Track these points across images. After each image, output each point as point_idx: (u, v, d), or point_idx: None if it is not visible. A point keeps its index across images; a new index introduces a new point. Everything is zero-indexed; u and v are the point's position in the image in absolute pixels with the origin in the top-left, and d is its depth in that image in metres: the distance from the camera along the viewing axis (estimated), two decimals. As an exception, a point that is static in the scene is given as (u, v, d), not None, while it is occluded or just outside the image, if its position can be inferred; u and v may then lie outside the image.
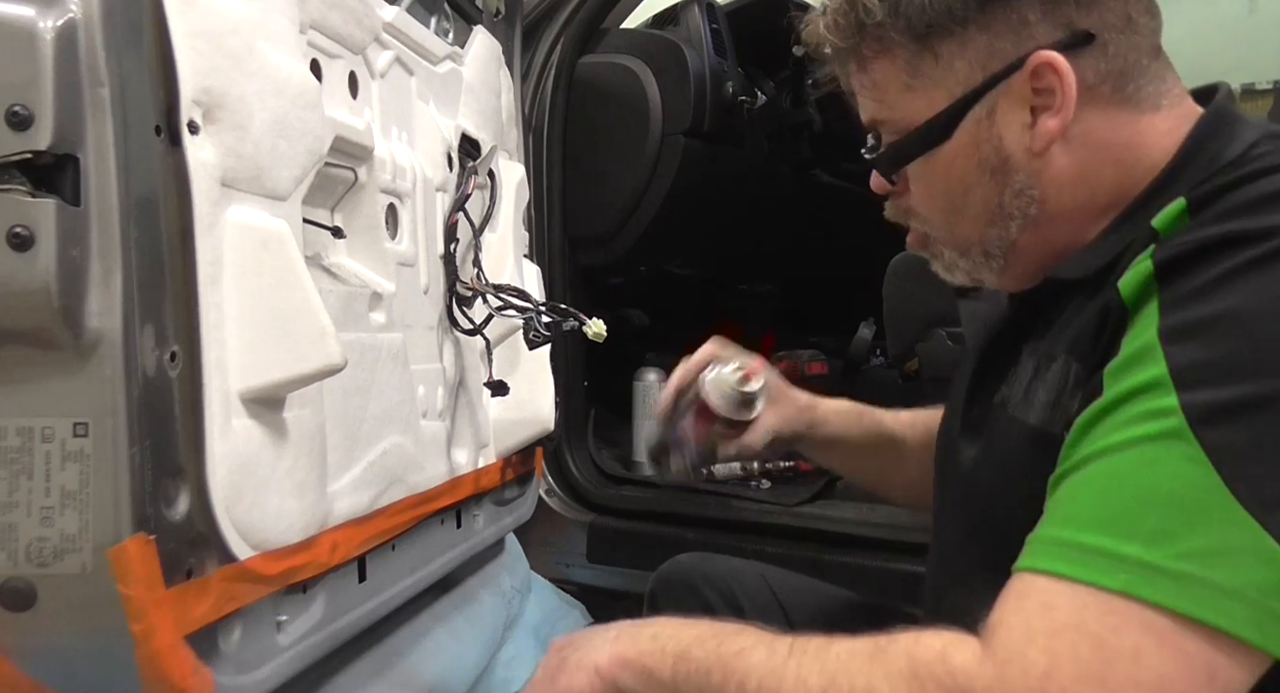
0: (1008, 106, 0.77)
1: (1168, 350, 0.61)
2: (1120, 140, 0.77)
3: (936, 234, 0.85)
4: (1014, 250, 0.81)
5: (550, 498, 2.03)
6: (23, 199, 0.68)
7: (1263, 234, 0.61)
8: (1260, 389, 0.58)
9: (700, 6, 2.11)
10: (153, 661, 0.74)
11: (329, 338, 0.87)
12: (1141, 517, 0.59)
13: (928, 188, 0.83)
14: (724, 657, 0.71)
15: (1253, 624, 0.56)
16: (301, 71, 0.94)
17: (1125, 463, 0.61)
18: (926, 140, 0.80)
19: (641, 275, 2.41)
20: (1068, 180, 0.77)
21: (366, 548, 1.10)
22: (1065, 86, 0.74)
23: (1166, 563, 0.58)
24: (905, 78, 0.80)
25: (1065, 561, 0.61)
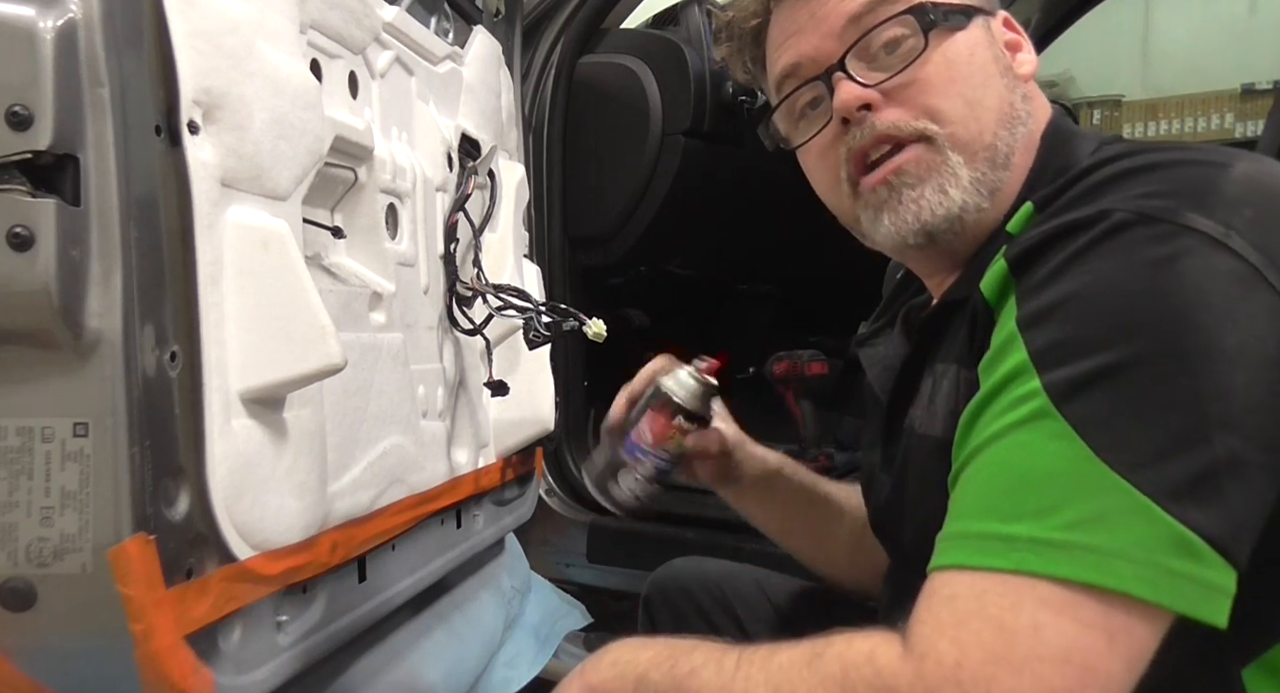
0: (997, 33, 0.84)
1: (1026, 337, 0.65)
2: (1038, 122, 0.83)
3: (952, 129, 0.79)
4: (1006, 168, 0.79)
5: (550, 498, 2.03)
6: (23, 199, 0.68)
7: (1093, 219, 0.65)
8: (1109, 359, 0.61)
9: (700, 6, 2.11)
10: (153, 661, 0.74)
11: (329, 338, 0.87)
12: (1024, 497, 0.62)
13: (952, 69, 0.79)
14: (678, 679, 0.73)
15: (1142, 581, 0.59)
16: (301, 71, 0.94)
17: (1003, 450, 0.64)
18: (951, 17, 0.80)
19: (641, 275, 2.40)
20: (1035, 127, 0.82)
21: (366, 548, 1.10)
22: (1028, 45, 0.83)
23: (1053, 535, 0.60)
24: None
25: (962, 551, 0.63)
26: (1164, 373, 0.61)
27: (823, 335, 2.62)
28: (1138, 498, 0.59)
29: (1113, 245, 0.64)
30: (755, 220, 2.43)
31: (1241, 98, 3.78)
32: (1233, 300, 0.62)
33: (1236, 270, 0.62)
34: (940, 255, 0.84)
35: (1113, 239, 0.64)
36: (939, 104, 0.79)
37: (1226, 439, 0.60)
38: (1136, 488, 0.59)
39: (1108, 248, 0.64)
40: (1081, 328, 0.63)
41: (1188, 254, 0.62)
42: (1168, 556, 0.59)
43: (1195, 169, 0.68)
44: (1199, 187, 0.66)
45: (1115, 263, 0.63)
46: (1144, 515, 0.59)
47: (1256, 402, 0.61)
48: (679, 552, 1.26)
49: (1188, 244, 0.62)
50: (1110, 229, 0.64)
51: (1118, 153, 0.73)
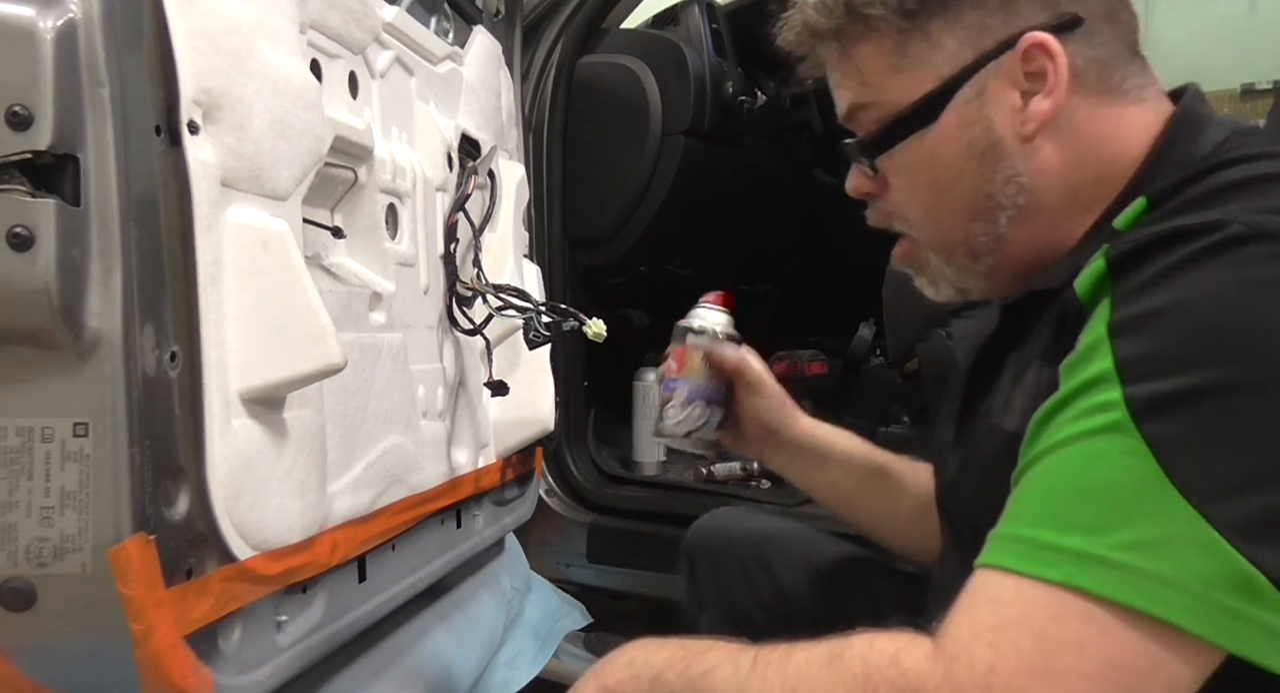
0: (998, 88, 0.76)
1: (1115, 343, 0.62)
2: (1104, 132, 0.76)
3: (920, 235, 0.83)
4: (1002, 247, 0.79)
5: (550, 498, 2.03)
6: (23, 199, 0.68)
7: (1206, 228, 0.62)
8: (1200, 380, 0.58)
9: (700, 6, 2.11)
10: (153, 661, 0.74)
11: (329, 338, 0.87)
12: (1083, 509, 0.60)
13: (911, 179, 0.81)
14: (693, 680, 0.72)
15: (1193, 615, 0.57)
16: (301, 71, 0.94)
17: (1070, 458, 0.62)
18: (912, 123, 0.78)
19: (641, 275, 2.40)
20: (1055, 171, 0.76)
21: (366, 548, 1.10)
22: (1058, 68, 0.74)
23: (1107, 553, 0.58)
24: (893, 59, 0.78)
25: (1012, 555, 0.62)
26: (1256, 402, 0.58)
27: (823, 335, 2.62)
28: (1205, 529, 0.56)
29: (1222, 260, 0.60)
30: (755, 220, 2.43)
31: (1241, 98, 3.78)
32: None
33: None
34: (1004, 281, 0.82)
35: (1223, 253, 0.60)
36: (904, 212, 0.83)
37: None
38: (1206, 519, 0.57)
39: (1217, 262, 0.60)
40: (1174, 343, 0.60)
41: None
42: (1227, 593, 0.56)
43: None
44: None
45: (1221, 278, 0.60)
46: (1209, 548, 0.56)
47: None
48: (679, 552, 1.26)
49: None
50: (1223, 242, 0.60)
51: (1246, 152, 0.69)
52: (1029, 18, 0.75)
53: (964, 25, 0.76)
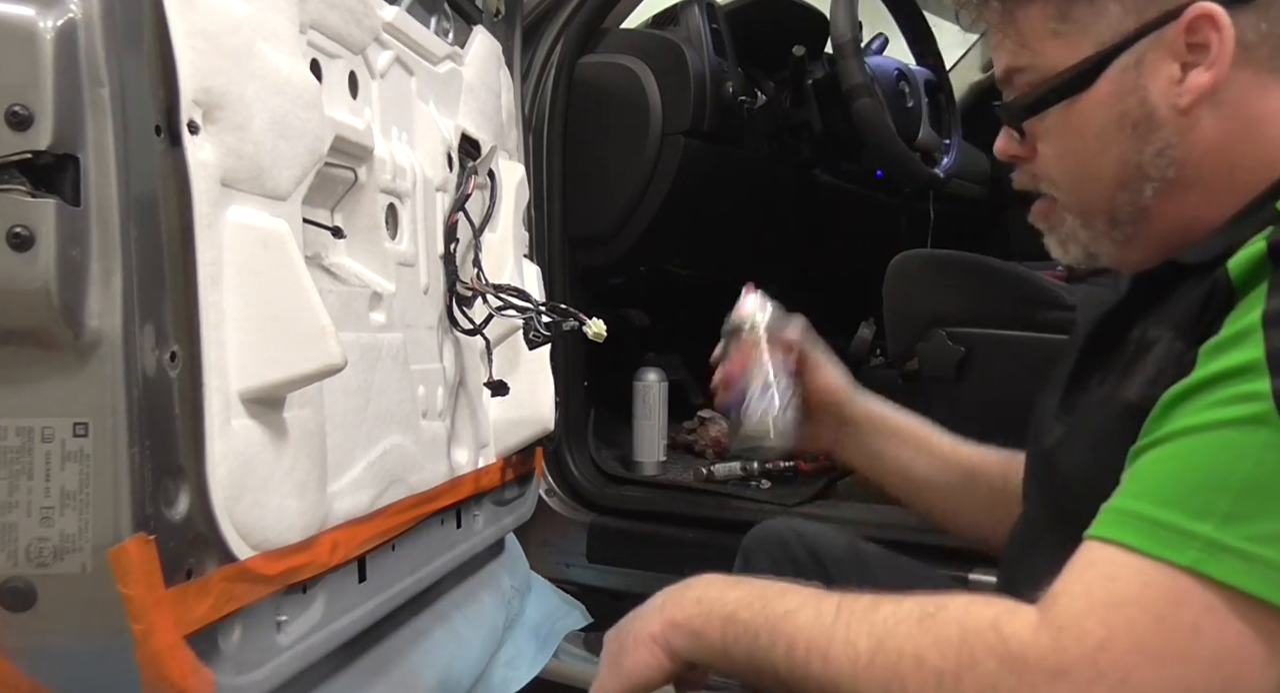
0: (1157, 58, 0.74)
1: (1269, 333, 0.60)
2: (1269, 112, 0.74)
3: (1063, 198, 0.82)
4: (1144, 218, 0.78)
5: (550, 498, 2.03)
6: (23, 199, 0.68)
7: None
8: None
9: (700, 6, 2.11)
10: (153, 661, 0.74)
11: (329, 338, 0.87)
12: (1217, 497, 0.59)
13: (1061, 143, 0.80)
14: (771, 619, 0.71)
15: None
16: (301, 71, 0.94)
17: (1208, 443, 0.60)
18: (1066, 89, 0.77)
19: (641, 275, 2.40)
20: (1210, 146, 0.74)
21: (366, 548, 1.10)
22: (1223, 40, 0.71)
23: (1237, 544, 0.57)
24: (1053, 23, 0.77)
25: (1135, 532, 0.60)
26: None
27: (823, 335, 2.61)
28: None
29: None
30: (755, 220, 2.43)
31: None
32: None
33: None
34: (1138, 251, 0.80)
35: None
36: (1050, 175, 0.81)
37: None
38: None
39: None
40: None
41: None
42: None
43: None
44: None
45: None
46: None
47: None
48: (679, 552, 1.26)
49: None
50: None
51: None
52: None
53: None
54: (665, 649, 0.78)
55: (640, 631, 0.80)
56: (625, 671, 0.80)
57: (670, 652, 0.78)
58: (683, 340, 2.71)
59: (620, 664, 0.80)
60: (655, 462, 2.19)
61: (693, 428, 2.44)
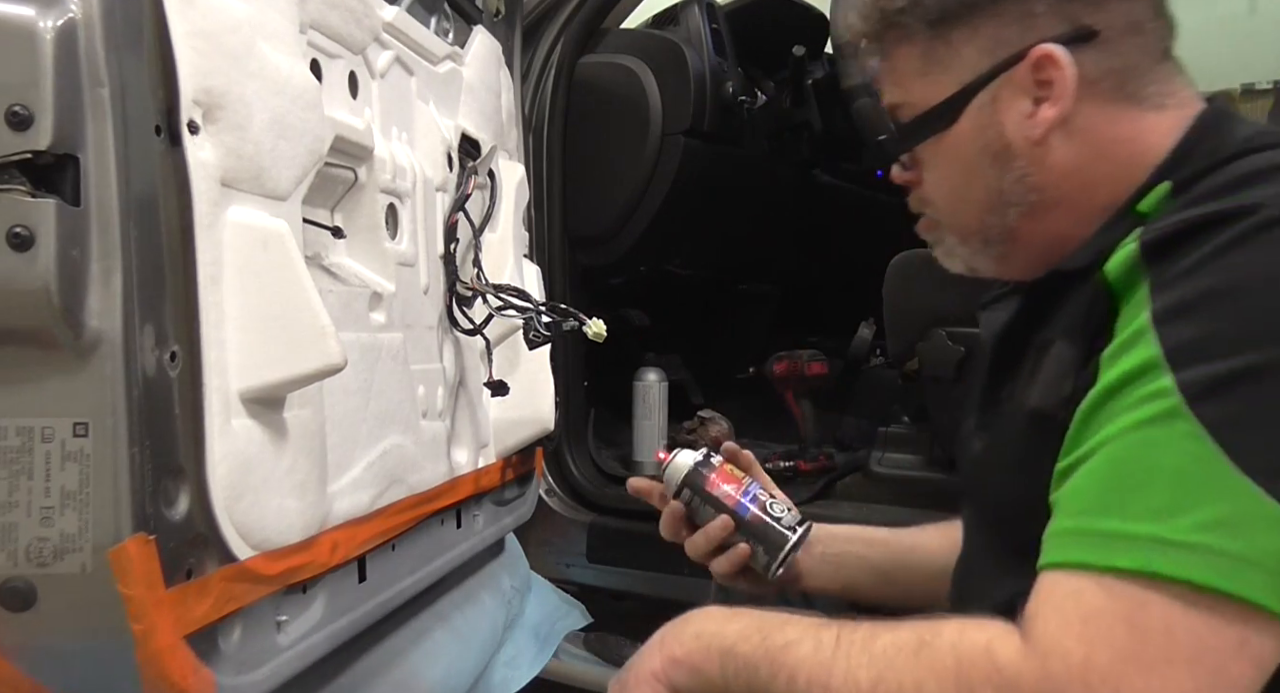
0: (1010, 95, 0.80)
1: (1160, 332, 0.63)
2: (1120, 136, 0.79)
3: (943, 220, 0.88)
4: (1013, 238, 0.83)
5: (550, 498, 2.03)
6: (23, 199, 0.68)
7: (1243, 211, 0.63)
8: (1251, 361, 0.60)
9: (700, 6, 2.11)
10: (153, 661, 0.74)
11: (329, 338, 0.87)
12: (1150, 496, 0.60)
13: (935, 172, 0.87)
14: (771, 651, 0.72)
15: (1272, 591, 0.57)
16: (301, 71, 0.94)
17: (1129, 447, 0.62)
18: (934, 124, 0.84)
19: (641, 275, 2.40)
20: (1066, 170, 0.80)
21: (366, 548, 1.10)
22: (1065, 77, 0.77)
23: (1181, 536, 0.58)
24: (919, 63, 0.84)
25: (1082, 549, 0.62)
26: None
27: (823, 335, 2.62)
28: (1270, 505, 0.57)
29: (1261, 241, 0.62)
30: (755, 220, 2.43)
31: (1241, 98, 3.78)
32: None
33: None
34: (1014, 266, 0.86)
35: (1262, 235, 0.62)
36: (931, 199, 0.89)
37: None
38: (1270, 494, 0.57)
39: (1256, 244, 0.62)
40: (1223, 326, 0.61)
41: None
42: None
43: None
44: None
45: (1264, 260, 0.61)
46: (1275, 524, 0.57)
47: None
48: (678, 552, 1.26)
49: None
50: (1260, 224, 0.62)
51: (1270, 141, 0.71)
52: (1044, 31, 0.78)
53: (983, 36, 0.80)
54: (667, 686, 0.79)
55: (642, 669, 0.81)
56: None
57: (672, 689, 0.79)
58: (683, 340, 2.71)
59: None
60: (655, 462, 2.19)
61: (693, 428, 2.44)
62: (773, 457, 2.14)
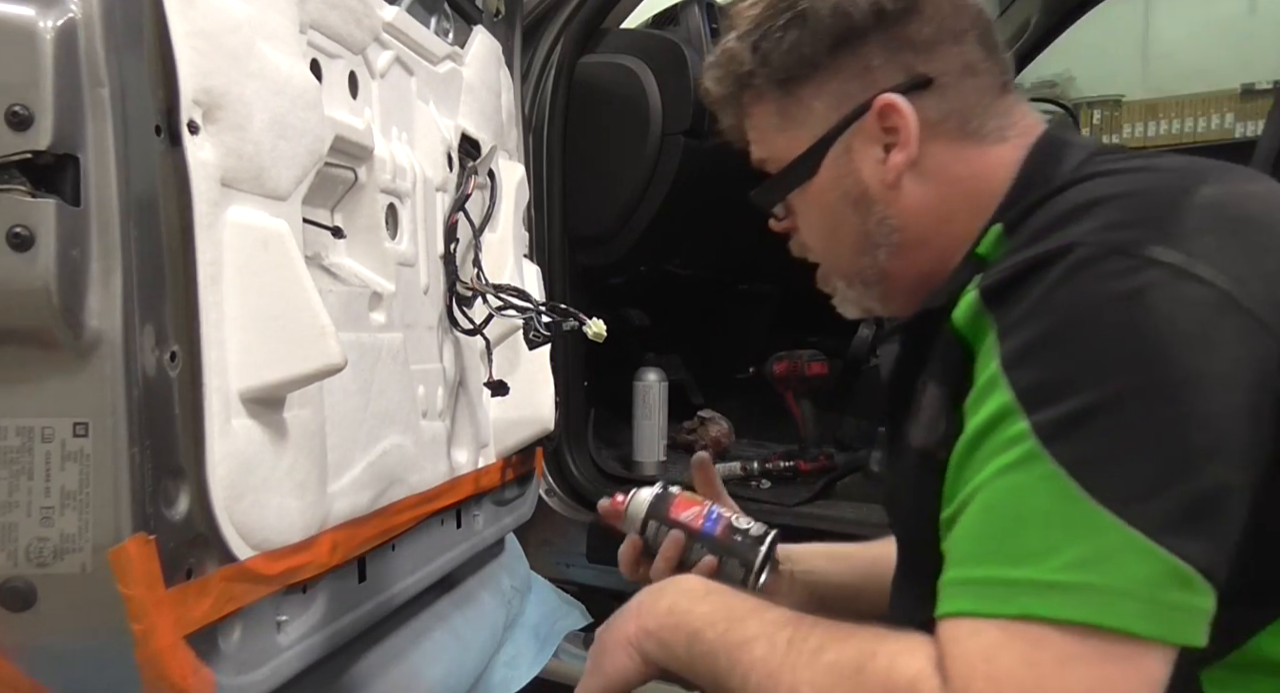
0: (861, 143, 0.85)
1: (1010, 377, 0.65)
2: (967, 172, 0.84)
3: (823, 265, 0.95)
4: (887, 278, 0.88)
5: (550, 498, 2.03)
6: (23, 199, 0.68)
7: (1062, 251, 0.66)
8: (1093, 397, 0.62)
9: (700, 6, 2.11)
10: (153, 661, 0.74)
11: (329, 338, 0.87)
12: (1022, 539, 0.63)
13: (806, 220, 0.92)
14: (730, 645, 0.75)
15: (1146, 618, 0.60)
16: (301, 71, 0.94)
17: (997, 493, 0.65)
18: (797, 175, 0.89)
19: (641, 275, 2.40)
20: (922, 209, 0.85)
21: (366, 548, 1.10)
22: (907, 125, 0.83)
23: (1054, 576, 0.61)
24: (776, 120, 0.89)
25: (969, 599, 0.64)
26: (1146, 406, 0.61)
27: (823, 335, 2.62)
28: (1132, 535, 0.60)
29: (1080, 280, 0.65)
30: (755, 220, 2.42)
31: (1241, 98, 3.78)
32: (1205, 327, 0.63)
33: (1205, 297, 0.63)
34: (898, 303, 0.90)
35: (1079, 274, 0.65)
36: (806, 244, 0.95)
37: (1213, 467, 0.61)
38: (1130, 524, 0.60)
39: (1075, 283, 0.65)
40: (1062, 367, 0.64)
41: (1155, 286, 0.63)
42: (1166, 590, 0.60)
43: (1160, 196, 0.69)
44: (1162, 216, 0.66)
45: (1084, 298, 0.64)
46: (1140, 552, 0.60)
47: (1236, 424, 0.62)
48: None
49: (1154, 276, 0.63)
50: (1077, 264, 0.65)
51: (1089, 172, 0.75)
52: (883, 82, 0.84)
53: (829, 92, 0.86)
54: (640, 653, 0.83)
55: (618, 633, 0.85)
56: (605, 672, 0.85)
57: (644, 655, 0.82)
58: (683, 340, 2.71)
59: (601, 665, 0.86)
60: (655, 462, 2.19)
61: (693, 428, 2.44)
62: (773, 457, 2.15)
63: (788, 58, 0.86)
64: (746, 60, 0.88)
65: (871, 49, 0.84)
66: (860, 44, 0.84)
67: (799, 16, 0.85)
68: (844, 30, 0.84)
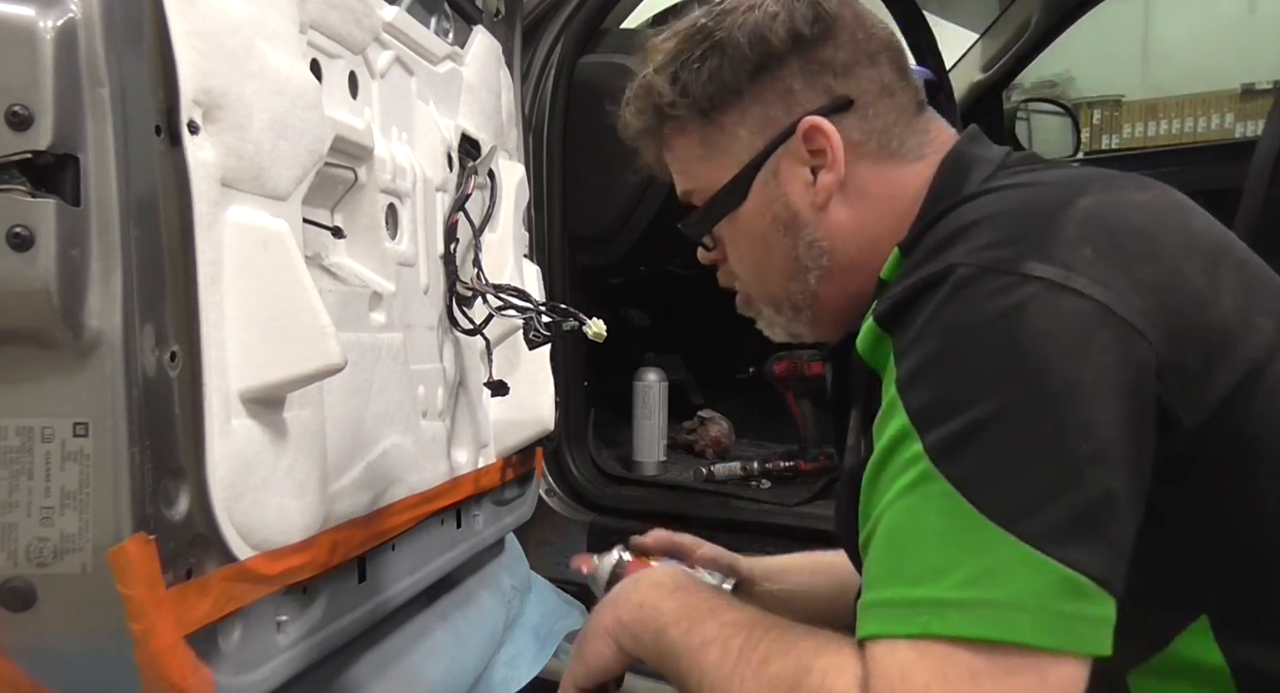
0: (788, 167, 0.86)
1: (905, 399, 0.67)
2: (890, 191, 0.85)
3: (753, 293, 0.94)
4: (817, 302, 0.89)
5: (550, 498, 2.03)
6: (23, 199, 0.68)
7: (944, 274, 0.67)
8: (976, 414, 0.63)
9: (700, 6, 2.11)
10: (153, 661, 0.74)
11: (329, 338, 0.87)
12: (921, 558, 0.64)
13: (735, 248, 0.92)
14: (690, 647, 0.76)
15: (1040, 630, 0.60)
16: (301, 71, 0.94)
17: (897, 515, 0.66)
18: (725, 204, 0.89)
19: (641, 275, 2.40)
20: (850, 231, 0.86)
21: (366, 548, 1.10)
22: (833, 145, 0.84)
23: (951, 594, 0.61)
24: (700, 150, 0.89)
25: (879, 621, 0.65)
26: (1029, 420, 0.62)
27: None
28: (1021, 548, 0.60)
29: (961, 301, 0.66)
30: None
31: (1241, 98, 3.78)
32: (1083, 337, 0.63)
33: (1083, 308, 0.64)
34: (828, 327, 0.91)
35: (960, 294, 0.66)
36: (739, 274, 0.94)
37: (1098, 475, 0.62)
38: (1019, 538, 0.60)
39: (957, 303, 0.66)
40: (947, 387, 0.65)
41: (1032, 301, 0.64)
42: (1059, 600, 0.60)
43: (1038, 211, 0.70)
44: (1038, 232, 0.67)
45: (966, 318, 0.66)
46: (1030, 564, 0.60)
47: (1119, 431, 0.63)
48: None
49: (1031, 291, 0.64)
50: (957, 284, 0.66)
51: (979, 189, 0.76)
52: (806, 104, 0.85)
53: (752, 118, 0.86)
54: (616, 642, 0.84)
55: (598, 623, 0.86)
56: (585, 660, 0.86)
57: (620, 645, 0.84)
58: (683, 340, 2.71)
59: (583, 653, 0.86)
60: (655, 462, 2.19)
61: (693, 428, 2.44)
62: (773, 457, 2.15)
63: (709, 86, 0.86)
64: (665, 91, 0.88)
65: (791, 73, 0.85)
66: (779, 68, 0.85)
67: (716, 47, 0.86)
68: (763, 57, 0.84)
